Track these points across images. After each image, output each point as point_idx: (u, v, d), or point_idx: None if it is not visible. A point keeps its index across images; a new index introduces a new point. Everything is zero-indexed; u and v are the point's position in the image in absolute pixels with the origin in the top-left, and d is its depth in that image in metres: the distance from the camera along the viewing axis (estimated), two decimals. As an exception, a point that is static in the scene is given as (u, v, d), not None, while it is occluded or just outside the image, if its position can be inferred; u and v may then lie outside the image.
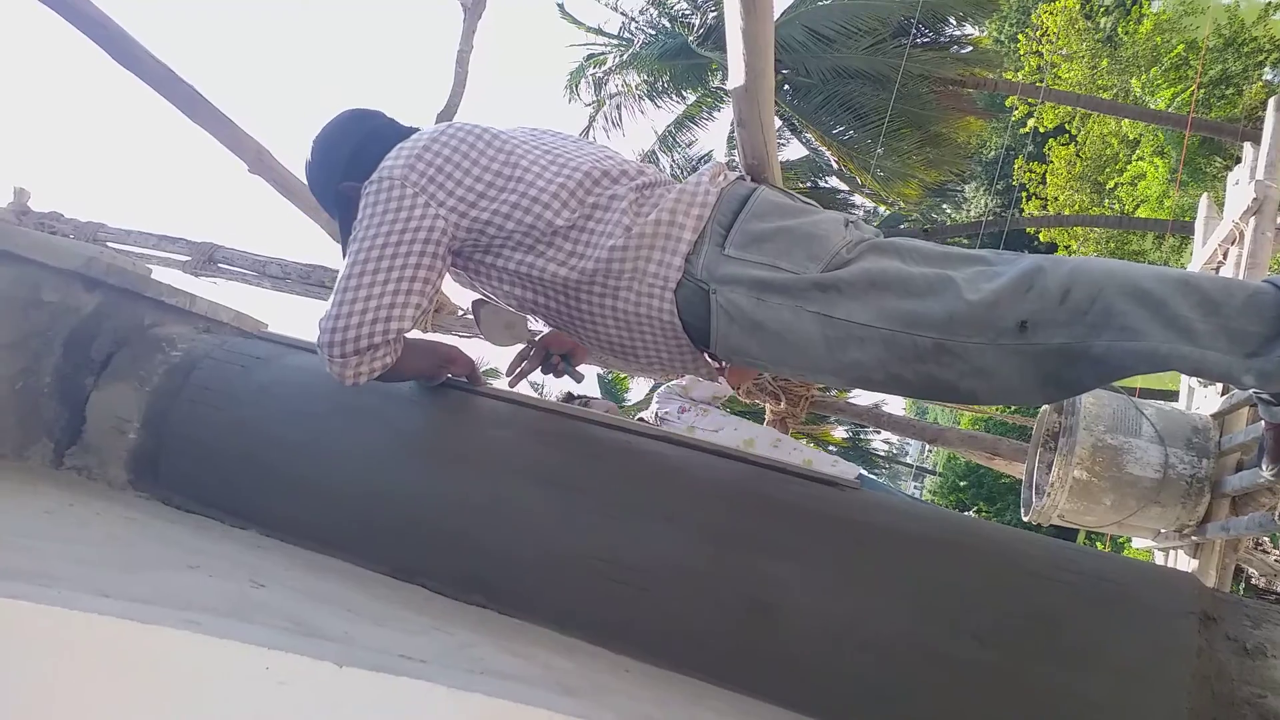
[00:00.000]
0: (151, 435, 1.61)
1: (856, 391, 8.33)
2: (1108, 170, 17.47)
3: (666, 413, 2.57)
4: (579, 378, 1.75)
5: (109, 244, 5.02)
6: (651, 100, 14.57)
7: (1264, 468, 1.50)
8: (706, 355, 1.52)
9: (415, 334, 1.49)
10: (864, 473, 2.35)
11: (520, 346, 1.70)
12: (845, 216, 1.47)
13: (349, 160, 1.55)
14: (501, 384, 1.74)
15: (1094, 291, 1.23)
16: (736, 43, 1.48)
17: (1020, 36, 17.89)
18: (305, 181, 1.64)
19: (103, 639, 0.66)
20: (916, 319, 1.29)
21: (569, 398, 2.01)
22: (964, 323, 1.27)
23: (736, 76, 1.55)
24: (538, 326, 1.69)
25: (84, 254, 1.59)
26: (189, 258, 4.98)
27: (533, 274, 1.48)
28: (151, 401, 1.62)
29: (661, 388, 2.72)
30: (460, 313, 4.94)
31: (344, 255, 1.46)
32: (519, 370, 1.68)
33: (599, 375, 13.71)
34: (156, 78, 2.76)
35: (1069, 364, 1.25)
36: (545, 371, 1.70)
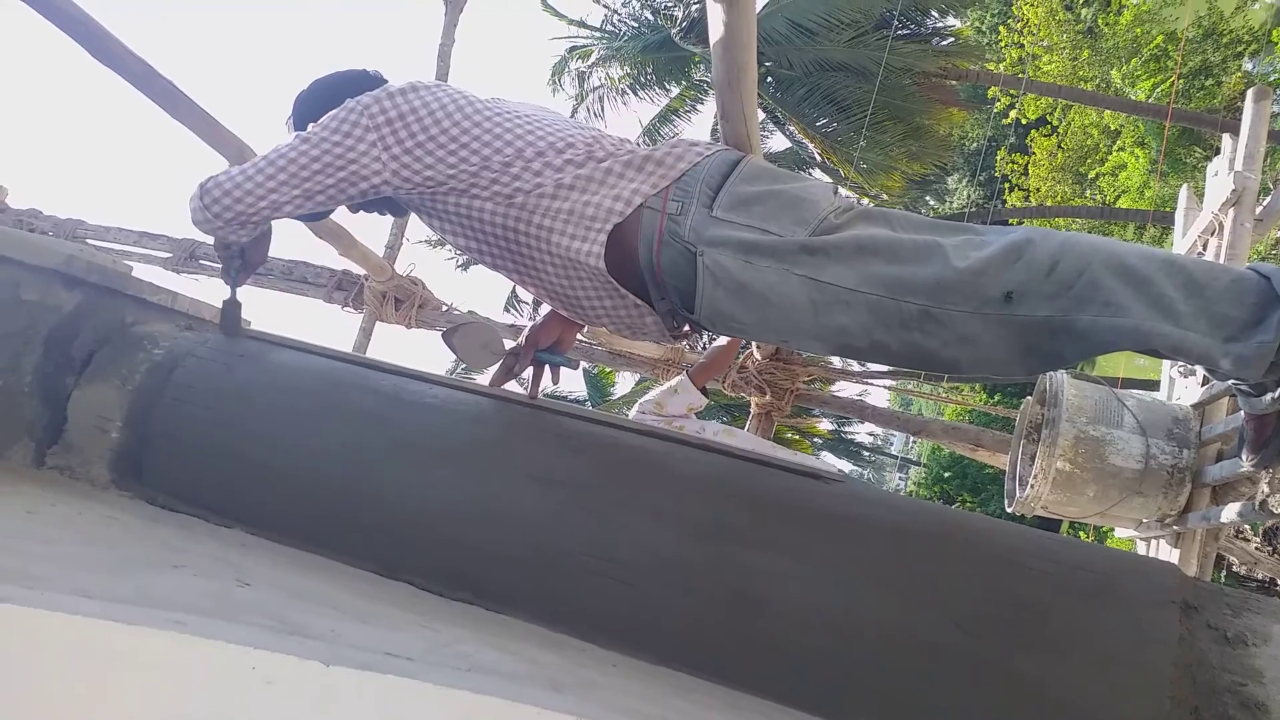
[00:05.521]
0: (134, 434, 1.59)
1: (840, 384, 8.36)
2: (1089, 161, 17.56)
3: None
4: (574, 364, 1.76)
5: (89, 241, 4.97)
6: (634, 93, 14.56)
7: (1244, 458, 1.51)
8: (689, 325, 1.51)
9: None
10: (844, 474, 2.35)
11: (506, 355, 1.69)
12: (834, 185, 1.47)
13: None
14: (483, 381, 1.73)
15: (1081, 265, 1.23)
16: (718, 36, 1.47)
17: (1001, 28, 17.94)
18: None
19: (85, 641, 0.65)
20: (903, 284, 1.28)
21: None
22: (950, 289, 1.27)
23: (719, 70, 1.55)
24: (513, 341, 1.70)
25: (63, 252, 1.58)
26: (170, 255, 4.94)
27: (472, 217, 1.50)
28: (134, 400, 1.61)
29: (635, 408, 2.71)
30: (444, 308, 4.93)
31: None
32: (512, 370, 1.68)
33: (584, 369, 13.69)
34: (136, 74, 2.73)
35: (1051, 337, 1.25)
36: (538, 372, 1.70)
